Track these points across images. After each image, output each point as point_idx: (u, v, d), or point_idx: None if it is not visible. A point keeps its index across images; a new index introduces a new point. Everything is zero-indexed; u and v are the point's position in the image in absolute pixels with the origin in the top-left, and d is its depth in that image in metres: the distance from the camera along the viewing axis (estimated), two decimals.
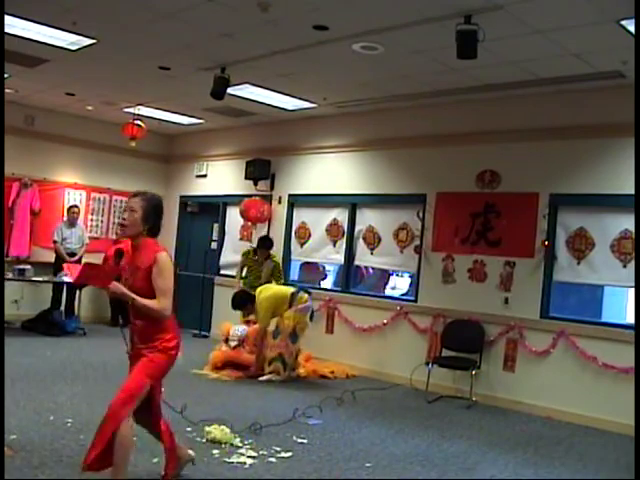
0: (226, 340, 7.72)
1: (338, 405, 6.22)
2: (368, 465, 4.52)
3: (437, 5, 4.96)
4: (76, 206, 10.04)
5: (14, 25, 6.27)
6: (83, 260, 9.80)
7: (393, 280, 9.50)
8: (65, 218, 9.97)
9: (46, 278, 9.28)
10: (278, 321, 7.40)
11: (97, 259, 9.97)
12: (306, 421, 5.50)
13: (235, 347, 7.57)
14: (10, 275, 8.90)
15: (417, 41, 5.77)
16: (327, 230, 8.91)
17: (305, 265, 9.68)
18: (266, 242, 8.44)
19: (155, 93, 8.61)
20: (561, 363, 6.59)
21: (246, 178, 9.62)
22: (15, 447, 4.10)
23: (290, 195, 9.42)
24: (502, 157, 7.23)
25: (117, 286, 3.35)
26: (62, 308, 9.64)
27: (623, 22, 4.91)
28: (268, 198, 9.59)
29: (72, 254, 9.68)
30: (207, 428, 4.80)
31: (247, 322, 7.92)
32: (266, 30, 5.82)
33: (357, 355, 8.18)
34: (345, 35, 5.78)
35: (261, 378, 7.16)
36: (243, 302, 7.59)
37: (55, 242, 9.62)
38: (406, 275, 8.99)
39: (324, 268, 9.81)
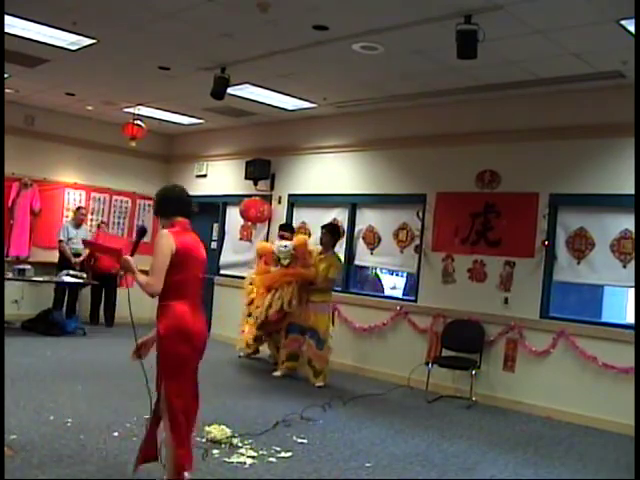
0: (278, 260, 7.41)
1: (338, 405, 6.22)
2: (368, 465, 4.52)
3: (437, 5, 4.96)
4: (84, 207, 10.09)
5: (14, 25, 6.27)
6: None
7: (393, 280, 9.51)
8: (71, 218, 9.99)
9: (46, 278, 9.28)
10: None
11: None
12: (306, 421, 5.50)
13: (289, 264, 7.29)
14: (10, 275, 8.90)
15: (417, 41, 5.77)
16: None
17: None
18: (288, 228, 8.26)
19: (155, 93, 8.61)
20: (561, 363, 6.58)
21: (246, 178, 9.62)
22: (15, 447, 4.10)
23: (290, 195, 9.42)
24: (502, 157, 7.23)
25: (127, 259, 3.45)
26: (63, 308, 9.64)
27: (623, 22, 4.91)
28: (268, 198, 9.59)
29: (77, 254, 9.68)
30: (207, 428, 4.80)
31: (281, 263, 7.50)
32: (266, 30, 5.82)
33: (357, 355, 8.18)
34: (345, 35, 5.78)
35: (275, 373, 7.28)
36: (335, 232, 7.49)
37: (61, 241, 9.63)
38: (403, 274, 9.02)
39: None
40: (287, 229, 8.24)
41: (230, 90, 7.29)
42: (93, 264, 9.69)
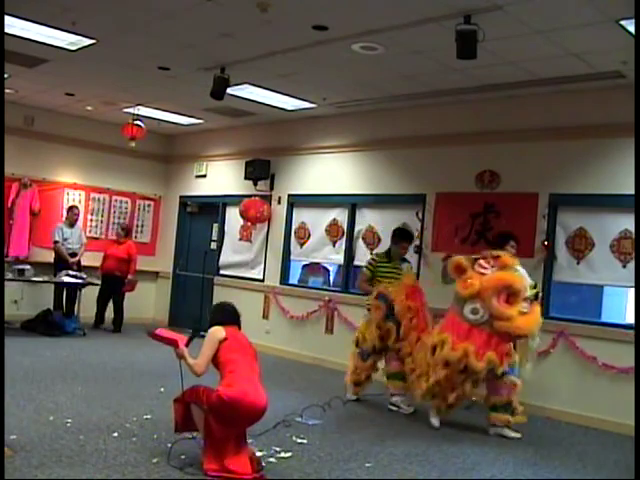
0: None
1: (338, 405, 6.21)
2: (368, 465, 4.52)
3: (437, 5, 4.96)
4: (76, 207, 10.07)
5: (14, 25, 6.27)
6: (82, 260, 9.83)
7: None
8: (65, 218, 9.97)
9: (46, 278, 9.28)
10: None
11: (97, 259, 10.02)
12: (306, 421, 5.50)
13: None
14: (10, 275, 8.89)
15: (417, 41, 5.77)
16: (327, 230, 8.91)
17: (308, 266, 9.68)
18: (406, 234, 6.78)
19: (155, 93, 8.61)
20: (561, 363, 6.58)
21: (246, 178, 9.62)
22: (15, 447, 4.10)
23: (290, 195, 9.41)
24: (502, 157, 7.23)
25: (181, 351, 4.21)
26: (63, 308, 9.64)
27: (623, 22, 4.92)
28: (268, 198, 9.59)
29: (73, 254, 9.68)
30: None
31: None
32: (266, 30, 5.82)
33: None
34: (345, 35, 5.78)
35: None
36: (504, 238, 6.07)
37: (56, 242, 9.61)
38: None
39: (326, 269, 9.78)
40: (407, 237, 6.80)
41: (230, 90, 7.28)
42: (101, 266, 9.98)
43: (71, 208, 9.96)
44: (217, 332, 4.21)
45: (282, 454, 4.55)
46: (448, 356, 5.35)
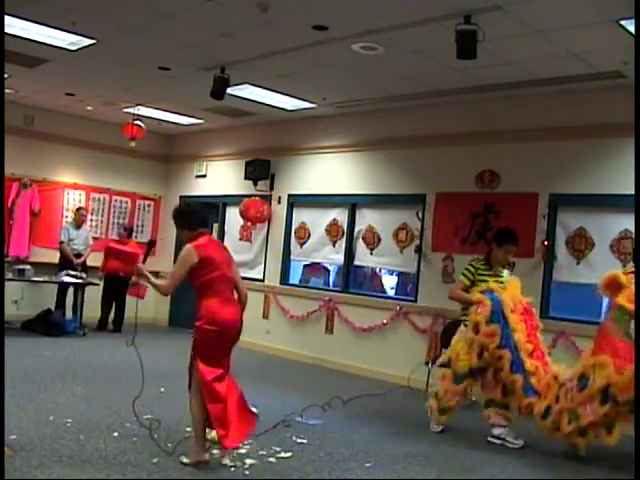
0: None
1: (338, 405, 6.22)
2: (368, 465, 4.52)
3: (437, 5, 4.97)
4: (84, 208, 10.09)
5: (14, 25, 6.27)
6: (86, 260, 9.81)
7: (393, 280, 9.51)
8: (72, 219, 9.98)
9: (46, 278, 9.28)
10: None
11: (97, 259, 10.01)
12: (306, 421, 5.50)
13: None
14: (10, 275, 8.89)
15: (417, 41, 5.78)
16: (327, 230, 8.91)
17: (309, 266, 9.70)
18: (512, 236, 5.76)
19: (155, 93, 8.61)
20: (561, 363, 6.56)
21: (246, 178, 9.62)
22: (15, 447, 4.10)
23: (290, 195, 9.42)
24: (502, 157, 7.24)
25: (140, 266, 4.16)
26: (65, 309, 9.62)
27: (623, 22, 4.92)
28: (268, 198, 9.59)
29: (78, 255, 9.67)
30: (207, 429, 4.79)
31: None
32: (266, 30, 5.82)
33: (357, 355, 8.18)
34: (345, 35, 5.78)
35: None
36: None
37: (62, 242, 9.61)
38: (394, 274, 9.08)
39: (327, 269, 9.80)
40: (512, 239, 5.77)
41: (230, 90, 7.29)
42: (102, 266, 9.78)
43: (79, 209, 9.97)
44: (191, 256, 4.06)
45: (282, 454, 4.55)
46: (611, 380, 4.71)
